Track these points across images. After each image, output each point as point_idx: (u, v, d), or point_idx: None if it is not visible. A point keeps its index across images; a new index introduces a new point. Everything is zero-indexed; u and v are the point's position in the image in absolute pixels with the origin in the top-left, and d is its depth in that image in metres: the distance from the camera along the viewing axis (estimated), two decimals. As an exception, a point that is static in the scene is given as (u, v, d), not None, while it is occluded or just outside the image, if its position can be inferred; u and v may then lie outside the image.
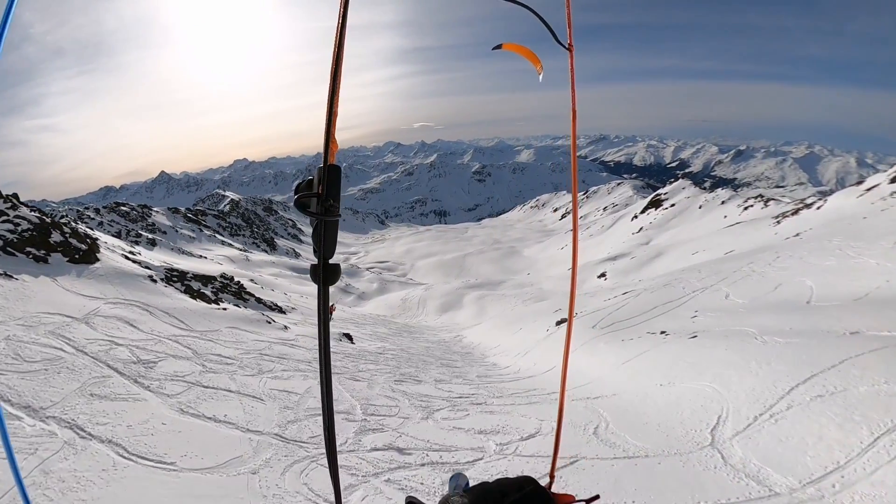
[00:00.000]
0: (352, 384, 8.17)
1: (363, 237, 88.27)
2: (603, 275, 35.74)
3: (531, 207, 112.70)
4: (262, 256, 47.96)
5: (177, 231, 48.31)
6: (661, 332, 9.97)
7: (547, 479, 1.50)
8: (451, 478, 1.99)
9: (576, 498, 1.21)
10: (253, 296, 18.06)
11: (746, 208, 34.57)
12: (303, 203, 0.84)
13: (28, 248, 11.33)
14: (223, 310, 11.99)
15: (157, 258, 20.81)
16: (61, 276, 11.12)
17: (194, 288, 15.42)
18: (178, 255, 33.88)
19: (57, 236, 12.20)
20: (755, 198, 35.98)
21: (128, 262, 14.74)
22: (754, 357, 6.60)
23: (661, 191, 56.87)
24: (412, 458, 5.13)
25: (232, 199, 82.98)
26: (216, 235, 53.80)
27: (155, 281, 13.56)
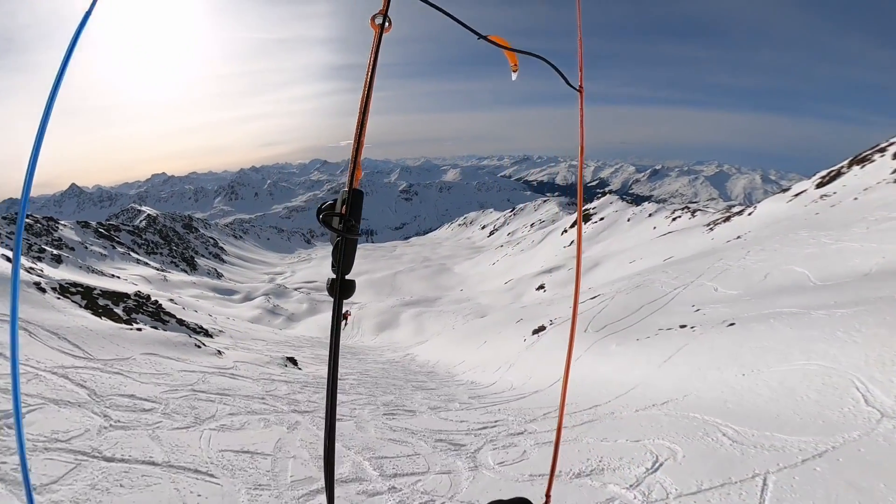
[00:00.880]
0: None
1: (289, 256, 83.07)
2: (542, 287, 36.41)
3: (459, 225, 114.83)
4: (181, 276, 43.09)
5: (86, 247, 42.43)
6: (680, 325, 9.00)
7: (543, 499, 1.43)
8: None
9: None
10: (174, 317, 14.44)
11: (675, 219, 37.05)
12: (327, 220, 0.91)
13: None
14: (137, 330, 8.79)
15: (62, 277, 16.11)
16: None
17: (100, 304, 11.74)
18: (87, 273, 30.13)
19: None
20: (682, 209, 38.84)
21: (5, 262, 10.79)
22: (832, 329, 5.78)
23: (589, 206, 60.15)
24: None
25: (149, 215, 74.46)
26: (131, 253, 48.04)
27: (44, 290, 9.88)
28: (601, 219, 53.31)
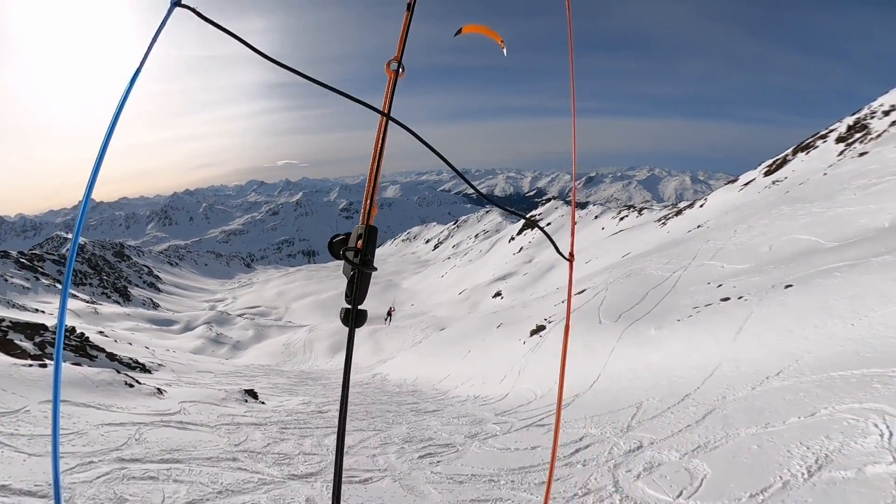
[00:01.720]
0: (370, 489, 4.04)
1: (229, 282, 77.43)
2: (499, 293, 36.39)
3: (402, 241, 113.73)
4: (114, 308, 38.47)
5: (6, 280, 38.23)
6: (721, 299, 8.19)
7: None
8: None
9: None
10: (103, 350, 11.32)
11: (622, 218, 38.37)
12: (345, 255, 0.97)
13: None
14: (40, 367, 6.11)
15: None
16: None
17: (7, 339, 8.63)
18: (6, 308, 27.84)
19: None
20: (628, 208, 40.39)
21: None
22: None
23: (534, 212, 61.54)
24: None
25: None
26: (56, 285, 42.47)
27: None
28: (548, 224, 54.64)
